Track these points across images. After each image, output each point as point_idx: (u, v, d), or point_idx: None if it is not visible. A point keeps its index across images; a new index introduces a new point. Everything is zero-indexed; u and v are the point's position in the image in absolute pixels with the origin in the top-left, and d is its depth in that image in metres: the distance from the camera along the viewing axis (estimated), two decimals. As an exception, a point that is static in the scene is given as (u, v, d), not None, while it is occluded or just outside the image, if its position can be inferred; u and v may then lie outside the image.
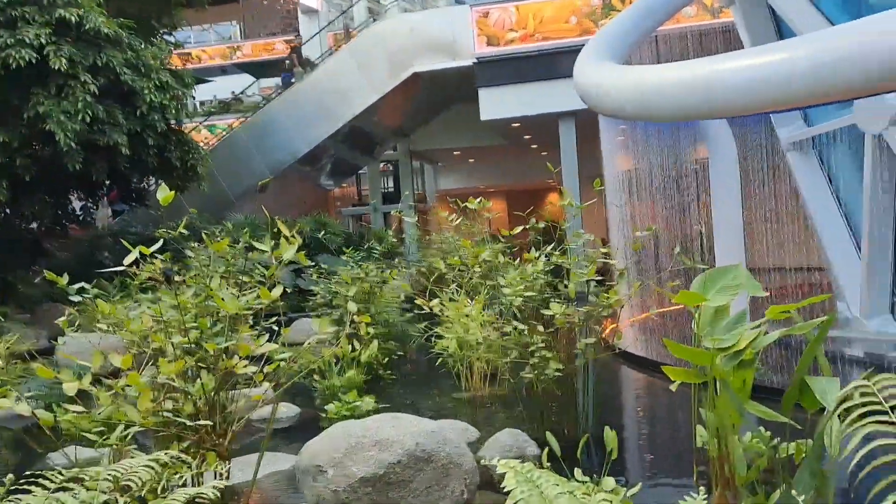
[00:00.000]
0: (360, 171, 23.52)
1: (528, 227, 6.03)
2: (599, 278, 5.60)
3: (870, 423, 2.44)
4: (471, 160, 23.99)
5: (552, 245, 5.80)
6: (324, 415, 6.42)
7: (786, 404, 3.19)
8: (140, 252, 3.84)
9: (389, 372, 7.91)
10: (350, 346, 7.22)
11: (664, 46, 11.14)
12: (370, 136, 19.33)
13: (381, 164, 23.28)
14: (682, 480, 4.45)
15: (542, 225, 6.02)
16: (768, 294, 3.90)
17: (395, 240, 11.24)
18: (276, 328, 4.41)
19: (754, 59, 5.29)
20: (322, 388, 7.18)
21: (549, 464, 3.89)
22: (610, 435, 3.95)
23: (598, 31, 10.14)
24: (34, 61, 10.79)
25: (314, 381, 7.16)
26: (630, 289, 6.02)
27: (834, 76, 4.40)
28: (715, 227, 9.49)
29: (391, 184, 24.88)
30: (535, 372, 5.39)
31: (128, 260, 3.89)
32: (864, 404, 2.52)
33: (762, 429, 3.94)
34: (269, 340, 3.99)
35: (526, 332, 5.49)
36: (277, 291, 3.56)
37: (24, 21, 11.07)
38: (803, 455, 3.39)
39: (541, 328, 5.42)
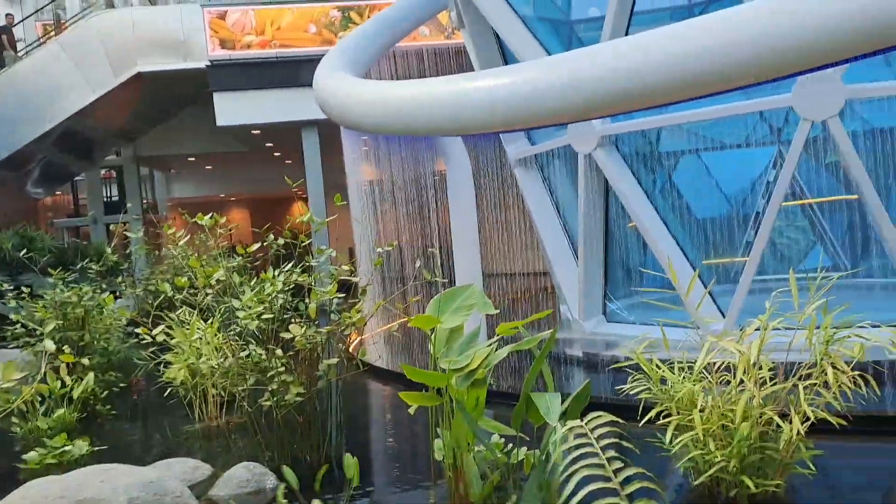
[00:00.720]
0: (77, 178, 21.00)
1: (265, 242, 5.68)
2: (342, 295, 5.44)
3: (584, 465, 2.57)
4: (208, 167, 22.63)
5: (293, 262, 5.52)
6: (23, 465, 5.47)
7: (515, 419, 3.29)
8: None
9: (110, 407, 7.03)
10: (59, 381, 6.30)
11: (402, 62, 11.41)
12: (88, 139, 17.31)
13: (103, 171, 20.98)
14: (425, 497, 4.45)
15: (282, 241, 5.69)
16: (504, 296, 4.04)
17: (117, 257, 10.04)
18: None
19: (482, 82, 5.54)
20: (24, 433, 6.17)
21: (284, 501, 3.67)
22: (350, 462, 3.81)
23: (337, 43, 10.08)
24: None
25: (14, 425, 6.13)
26: (374, 304, 5.96)
27: (557, 102, 4.71)
28: (453, 238, 9.91)
29: (115, 192, 22.56)
30: (275, 397, 5.09)
31: None
32: (578, 446, 2.66)
33: (497, 436, 4.07)
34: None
35: (264, 356, 5.17)
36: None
37: None
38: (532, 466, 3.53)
39: (279, 351, 5.13)
